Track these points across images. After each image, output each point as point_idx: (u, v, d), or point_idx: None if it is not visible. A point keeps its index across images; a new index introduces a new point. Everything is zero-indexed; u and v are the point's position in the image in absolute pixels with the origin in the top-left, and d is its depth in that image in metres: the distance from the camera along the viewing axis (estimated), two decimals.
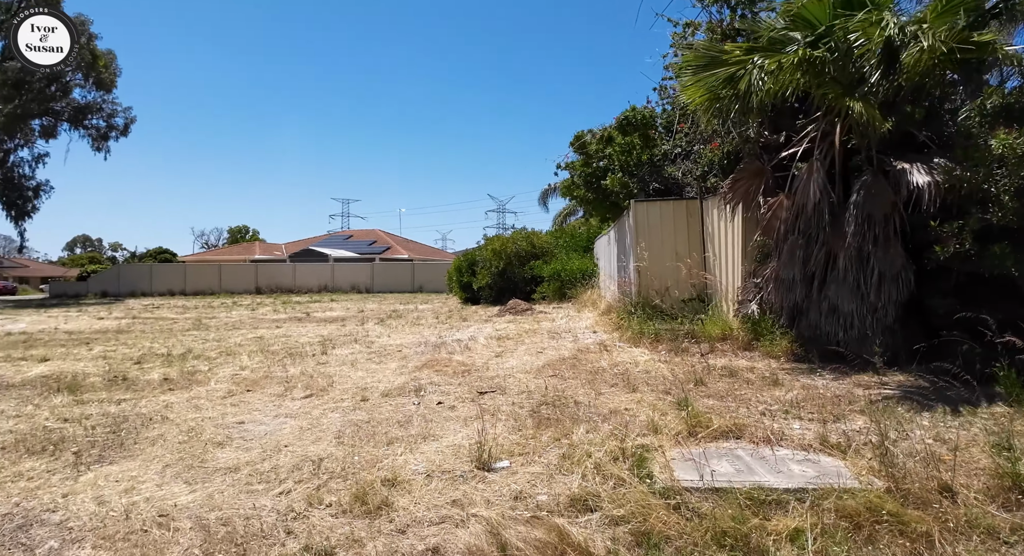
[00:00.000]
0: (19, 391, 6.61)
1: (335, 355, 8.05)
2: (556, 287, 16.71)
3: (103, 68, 31.95)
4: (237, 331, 12.08)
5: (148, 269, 38.70)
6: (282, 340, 9.91)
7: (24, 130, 32.72)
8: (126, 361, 8.19)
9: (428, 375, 6.58)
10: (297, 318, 15.15)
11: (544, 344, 8.22)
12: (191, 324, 14.20)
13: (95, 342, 10.75)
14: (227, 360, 8.02)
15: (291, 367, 7.28)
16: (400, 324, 12.19)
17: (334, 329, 11.63)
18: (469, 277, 19.69)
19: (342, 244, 47.04)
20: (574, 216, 36.57)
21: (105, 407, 5.85)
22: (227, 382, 6.60)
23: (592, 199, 10.43)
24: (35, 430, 5.16)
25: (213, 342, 10.06)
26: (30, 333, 13.43)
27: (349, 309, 18.13)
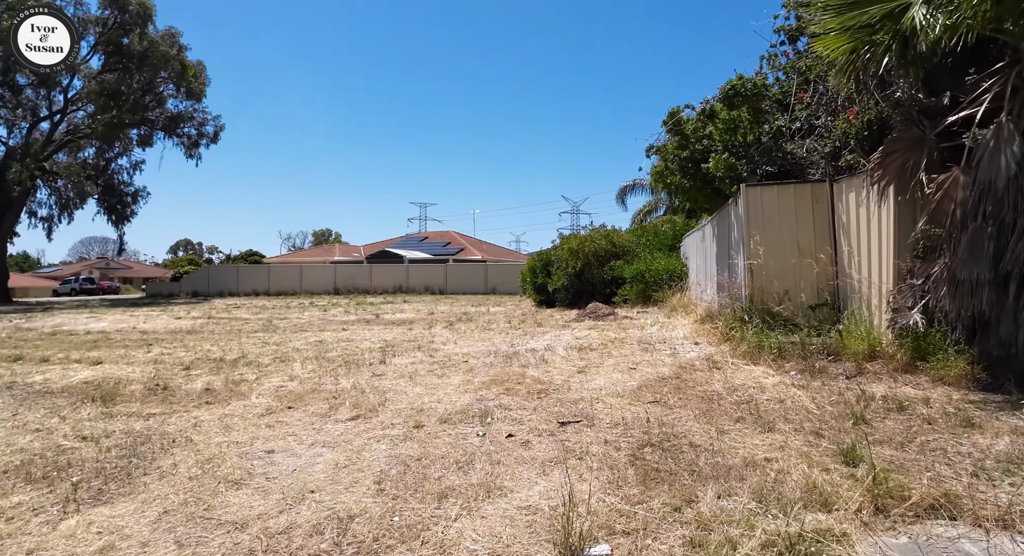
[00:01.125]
0: (55, 399, 6.06)
1: (394, 365, 7.10)
2: (639, 289, 15.23)
3: (193, 78, 33.33)
4: (302, 333, 11.50)
5: (235, 270, 40.25)
6: (342, 345, 9.12)
7: (123, 139, 34.73)
8: (176, 366, 7.61)
9: (497, 395, 5.45)
10: (365, 320, 14.54)
11: (636, 357, 6.90)
12: (260, 325, 13.87)
13: (159, 343, 10.43)
14: (278, 368, 7.24)
15: (343, 378, 6.37)
16: (469, 329, 11.19)
17: (399, 333, 10.78)
18: (544, 278, 18.52)
19: (417, 246, 47.22)
20: (655, 214, 34.64)
21: (131, 423, 5.12)
22: (269, 396, 5.75)
23: (688, 186, 8.98)
24: (46, 450, 4.46)
25: (272, 346, 9.43)
26: (106, 333, 13.53)
27: (419, 311, 17.43)
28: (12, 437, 4.81)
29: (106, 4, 29.86)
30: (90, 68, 32.43)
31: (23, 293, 55.67)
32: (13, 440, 4.75)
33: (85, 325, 15.82)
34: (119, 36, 30.66)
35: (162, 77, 32.19)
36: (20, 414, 5.55)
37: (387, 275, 35.46)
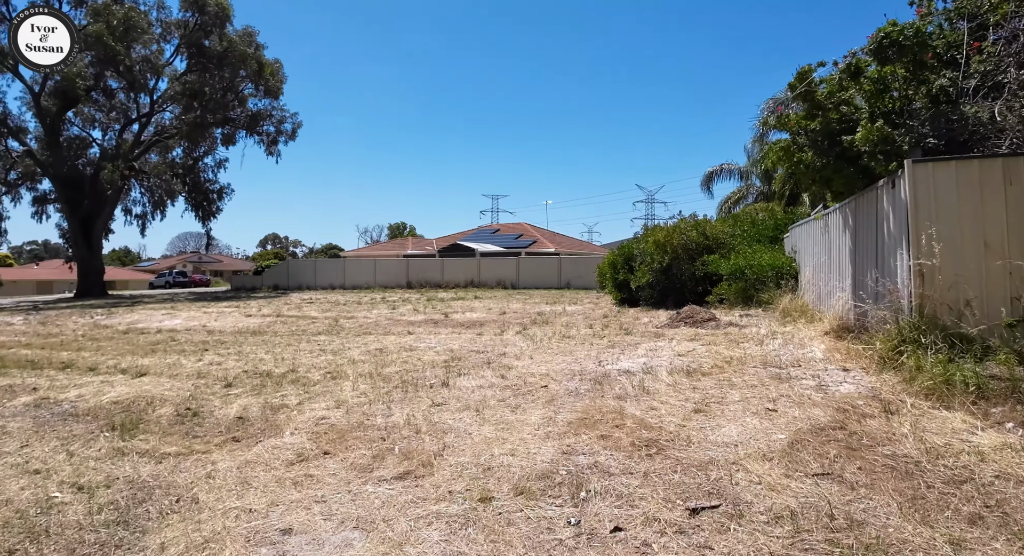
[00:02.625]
0: (75, 425, 5.27)
1: (458, 388, 5.88)
2: (739, 288, 13.36)
3: (270, 76, 33.73)
4: (364, 338, 10.59)
5: (313, 264, 40.92)
6: (403, 357, 8.04)
7: (207, 138, 35.76)
8: (217, 382, 6.75)
9: (589, 444, 4.10)
10: (433, 321, 13.54)
11: (769, 389, 5.34)
12: (325, 326, 13.17)
13: (215, 348, 9.79)
14: (326, 388, 6.21)
15: (397, 408, 5.22)
16: (546, 336, 9.87)
17: (467, 340, 9.62)
18: (626, 274, 16.91)
19: (489, 238, 46.39)
20: (745, 201, 31.97)
21: (140, 466, 4.16)
22: (306, 433, 4.67)
23: (819, 166, 7.18)
24: (31, 506, 3.57)
25: (329, 355, 8.50)
26: (174, 332, 13.24)
27: (490, 310, 16.29)
28: (3, 484, 3.94)
29: (186, 6, 30.57)
30: (175, 70, 33.49)
31: (123, 286, 59.74)
32: (3, 487, 3.89)
33: (159, 323, 15.79)
34: (200, 38, 31.38)
35: (241, 76, 32.75)
36: (30, 445, 4.75)
37: (458, 269, 34.75)
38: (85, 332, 13.97)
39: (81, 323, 16.49)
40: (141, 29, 28.97)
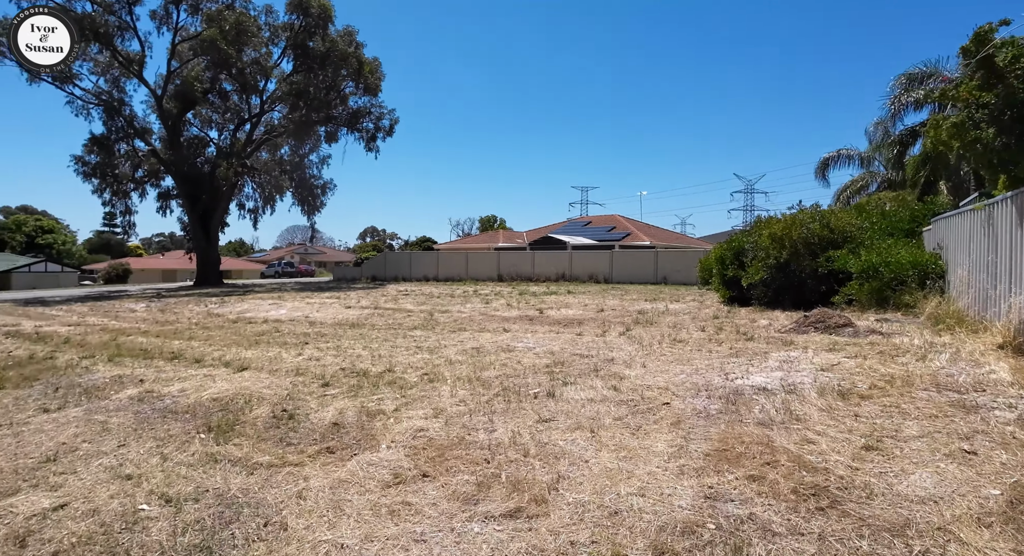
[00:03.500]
0: (173, 424, 5.16)
1: (566, 400, 5.26)
2: (873, 288, 11.79)
3: (369, 74, 34.57)
4: (459, 334, 10.23)
5: (408, 257, 41.86)
6: (502, 358, 7.53)
7: (312, 136, 37.37)
8: (315, 381, 6.54)
9: (737, 486, 3.35)
10: (528, 317, 13.02)
11: (955, 421, 4.28)
12: (421, 320, 13.01)
13: (316, 341, 9.79)
14: (423, 392, 5.80)
15: (500, 421, 4.68)
16: (653, 338, 9.04)
17: (568, 341, 8.98)
18: (735, 270, 15.56)
19: (580, 231, 45.42)
20: (866, 191, 29.05)
21: (231, 478, 3.88)
22: (403, 448, 4.23)
23: (1001, 146, 5.85)
24: (116, 520, 3.34)
25: (425, 353, 8.16)
26: (279, 322, 13.58)
27: (587, 306, 15.55)
28: (95, 490, 3.78)
29: (292, 9, 31.86)
30: (282, 71, 35.13)
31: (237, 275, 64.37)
32: (93, 494, 3.72)
33: (266, 313, 16.39)
34: (304, 39, 32.64)
35: (342, 75, 33.79)
36: (127, 445, 4.65)
37: (549, 262, 34.17)
38: (198, 321, 14.69)
39: (196, 311, 17.46)
40: (251, 33, 30.52)
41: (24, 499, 3.66)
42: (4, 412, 5.81)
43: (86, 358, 8.91)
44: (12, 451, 4.59)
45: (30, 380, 7.42)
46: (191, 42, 31.76)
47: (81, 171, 33.33)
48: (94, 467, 4.18)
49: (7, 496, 3.75)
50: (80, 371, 7.81)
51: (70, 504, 3.58)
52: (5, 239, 66.59)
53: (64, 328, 13.83)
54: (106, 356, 9.01)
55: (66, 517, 3.42)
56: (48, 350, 10.00)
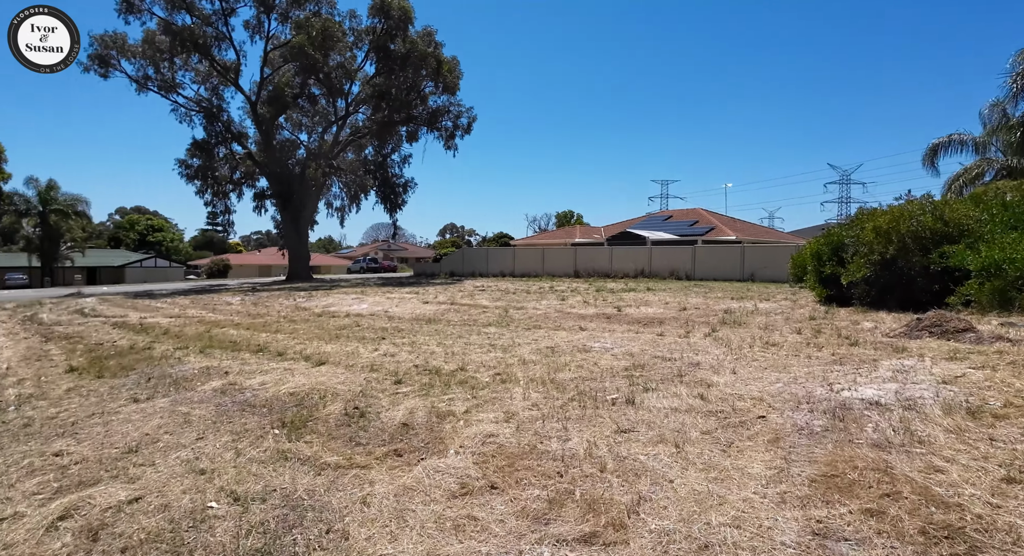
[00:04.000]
0: (250, 418, 5.21)
1: (647, 408, 4.85)
2: (996, 288, 10.42)
3: (448, 73, 35.01)
4: (534, 332, 9.97)
5: (485, 253, 42.13)
6: (578, 359, 7.18)
7: (393, 136, 38.36)
8: (388, 378, 6.48)
9: (851, 522, 2.84)
10: (605, 315, 12.55)
11: None
12: (496, 316, 12.87)
13: (392, 337, 9.83)
14: (495, 393, 5.56)
15: (575, 429, 4.35)
16: (744, 341, 8.37)
17: (648, 342, 8.49)
18: (833, 267, 14.31)
19: (660, 225, 44.01)
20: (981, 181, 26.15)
21: (299, 478, 3.80)
22: (471, 454, 4.00)
23: None
24: (184, 518, 3.33)
25: (499, 352, 7.95)
26: (360, 317, 13.87)
27: (668, 304, 14.84)
28: (169, 484, 3.81)
29: (374, 13, 32.75)
30: (365, 74, 36.27)
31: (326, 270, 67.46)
32: (167, 488, 3.74)
33: (348, 307, 16.86)
34: (386, 42, 33.48)
35: (422, 75, 34.42)
36: (204, 438, 4.72)
37: (628, 258, 33.24)
38: (286, 314, 15.30)
39: (285, 305, 18.25)
40: (336, 38, 31.64)
41: (103, 490, 3.74)
42: (99, 401, 6.13)
43: (180, 349, 9.38)
44: (100, 440, 4.77)
45: (127, 369, 7.86)
46: (281, 49, 33.38)
47: (184, 173, 35.92)
48: (171, 460, 4.24)
49: (89, 486, 3.84)
50: (173, 362, 8.20)
51: (144, 497, 3.62)
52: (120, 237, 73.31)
53: (165, 320, 14.80)
54: (198, 347, 9.46)
55: (139, 511, 3.44)
56: (148, 340, 10.65)
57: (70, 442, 4.76)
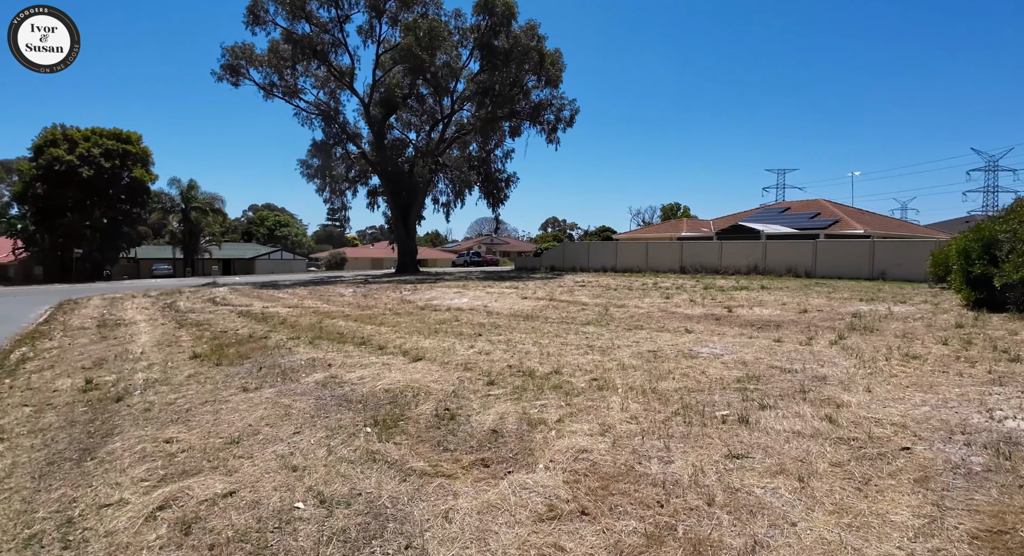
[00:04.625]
0: (345, 414, 5.25)
1: (763, 430, 4.28)
2: None
3: (550, 65, 34.67)
4: (635, 333, 9.47)
5: (586, 247, 41.56)
6: (683, 366, 6.64)
7: (497, 131, 38.70)
8: (481, 379, 6.33)
9: None
10: (714, 316, 11.73)
11: None
12: (595, 315, 12.45)
13: (488, 334, 9.74)
14: (590, 402, 5.22)
15: (678, 451, 3.91)
16: (878, 351, 7.39)
17: (763, 349, 7.72)
18: (984, 266, 12.46)
19: (776, 218, 41.07)
20: None
21: (385, 482, 3.71)
22: (562, 471, 3.70)
23: None
24: (272, 517, 3.32)
25: (596, 354, 7.57)
26: (460, 311, 14.00)
27: (786, 305, 13.63)
28: (262, 479, 3.85)
29: (478, 10, 33.07)
30: (470, 71, 36.81)
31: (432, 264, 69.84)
32: (260, 484, 3.78)
33: (450, 301, 17.13)
34: (490, 38, 33.72)
35: (524, 69, 34.34)
36: (301, 433, 4.79)
37: (739, 253, 31.28)
38: (392, 307, 15.79)
39: (391, 297, 18.90)
40: (442, 37, 32.30)
41: (202, 481, 3.84)
42: (213, 389, 6.49)
43: (292, 339, 9.86)
44: (207, 429, 4.99)
45: (243, 358, 8.34)
46: (391, 52, 34.68)
47: (305, 173, 38.49)
48: (268, 454, 4.31)
49: (190, 476, 3.98)
50: (284, 352, 8.60)
51: (238, 492, 3.67)
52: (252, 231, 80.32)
53: (284, 309, 15.79)
54: (308, 338, 9.89)
55: (231, 506, 3.48)
56: (266, 329, 11.33)
57: (181, 429, 5.03)
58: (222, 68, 32.81)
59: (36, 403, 6.42)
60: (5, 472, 4.30)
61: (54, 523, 3.42)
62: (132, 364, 8.51)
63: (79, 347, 10.57)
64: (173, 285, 32.03)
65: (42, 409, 6.15)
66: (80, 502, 3.68)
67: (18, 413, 6.01)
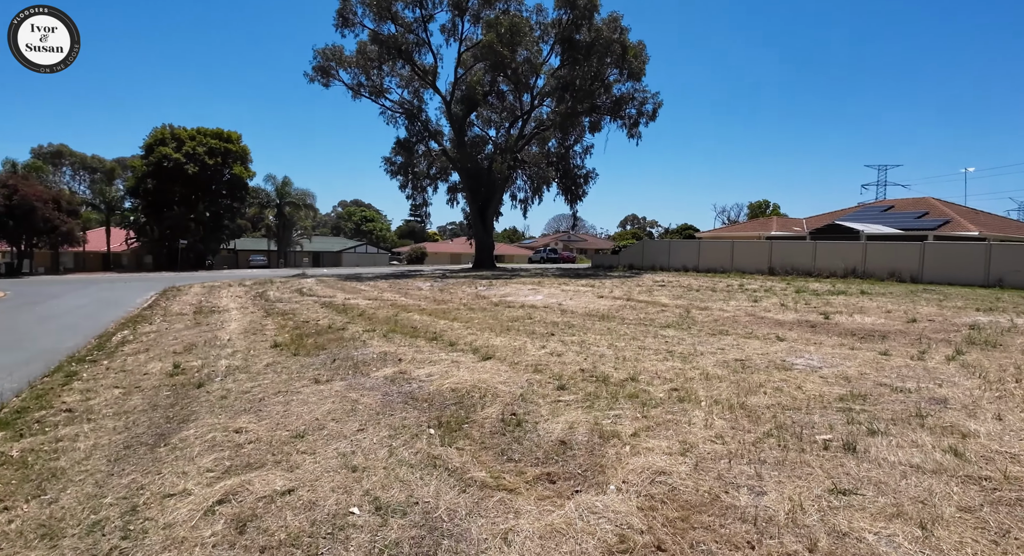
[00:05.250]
0: (410, 413, 5.11)
1: (874, 461, 3.70)
2: None
3: (633, 58, 33.66)
4: (720, 339, 8.83)
5: (666, 245, 40.20)
6: (776, 379, 6.02)
7: (576, 127, 38.12)
8: (552, 382, 6.02)
9: None
10: (809, 323, 10.79)
11: None
12: (675, 317, 11.82)
13: (561, 333, 9.41)
14: (670, 415, 4.78)
15: (771, 480, 3.43)
16: (1005, 370, 6.42)
17: (868, 362, 6.92)
18: None
19: (878, 217, 37.99)
20: None
21: (443, 492, 3.50)
22: (635, 494, 3.33)
23: None
24: (326, 520, 3.18)
25: (677, 361, 7.07)
26: (534, 308, 13.76)
27: (890, 313, 12.36)
28: (321, 479, 3.74)
29: (560, 4, 32.57)
30: (550, 67, 36.42)
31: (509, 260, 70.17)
32: (319, 483, 3.67)
33: (524, 297, 16.94)
34: (571, 33, 33.14)
35: (606, 63, 33.53)
36: (365, 431, 4.68)
37: (836, 255, 29.07)
38: (466, 302, 15.79)
39: (467, 292, 18.95)
40: (523, 33, 32.10)
41: (263, 476, 3.78)
42: (288, 379, 6.57)
43: (368, 331, 9.96)
44: (276, 421, 4.99)
45: (319, 349, 8.47)
46: (473, 50, 34.89)
47: (389, 170, 39.53)
48: (330, 451, 4.22)
49: (253, 469, 3.93)
50: (358, 344, 8.67)
51: (296, 490, 3.57)
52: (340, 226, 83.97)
53: (364, 301, 16.16)
54: (383, 331, 9.96)
55: (287, 506, 3.38)
56: (344, 321, 11.56)
57: (251, 419, 5.06)
58: (314, 69, 34.23)
59: (126, 385, 6.75)
60: (85, 454, 4.45)
61: (119, 510, 3.45)
62: (218, 350, 8.86)
63: (174, 332, 11.21)
64: (266, 275, 33.87)
65: (130, 391, 6.45)
66: (147, 490, 3.71)
67: (108, 394, 6.32)
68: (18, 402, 6.25)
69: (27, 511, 3.55)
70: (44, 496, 3.74)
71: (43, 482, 3.98)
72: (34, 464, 4.33)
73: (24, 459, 4.45)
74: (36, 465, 4.31)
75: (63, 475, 4.08)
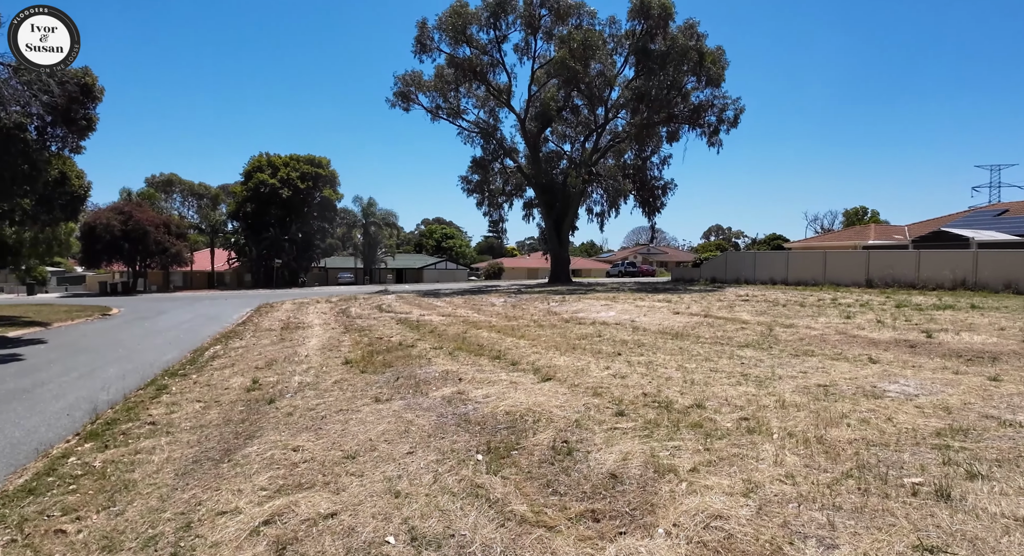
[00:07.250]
0: (461, 436, 5.03)
1: (972, 512, 3.18)
2: None
3: (711, 64, 32.62)
4: (803, 361, 8.18)
5: (752, 257, 38.38)
6: (862, 409, 5.43)
7: (653, 137, 37.34)
8: (610, 407, 5.76)
9: None
10: (908, 343, 9.80)
11: None
12: (756, 336, 11.12)
13: (629, 353, 9.08)
14: (735, 448, 4.40)
15: (847, 533, 3.01)
16: None
17: (974, 390, 6.12)
18: None
19: (990, 223, 34.45)
20: None
21: (481, 527, 3.44)
22: (685, 543, 3.04)
23: None
24: (360, 549, 3.13)
25: (751, 386, 6.58)
26: (604, 325, 13.44)
27: (1005, 331, 11.00)
28: (364, 503, 3.72)
29: (633, 15, 32.18)
30: (624, 78, 35.98)
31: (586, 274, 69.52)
32: (361, 508, 3.65)
33: (596, 314, 16.60)
34: (645, 43, 32.62)
35: (682, 70, 32.67)
36: (414, 453, 4.65)
37: (942, 264, 26.50)
38: (537, 318, 15.67)
39: (538, 308, 18.83)
40: (596, 47, 31.93)
41: (310, 498, 3.81)
42: (351, 397, 6.70)
43: (435, 349, 10.06)
44: (332, 440, 5.06)
45: (386, 366, 8.62)
46: (546, 66, 35.11)
47: (465, 188, 40.44)
48: (377, 475, 4.21)
49: (303, 489, 3.98)
50: (423, 363, 8.75)
51: (338, 514, 3.57)
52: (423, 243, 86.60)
53: (438, 318, 16.42)
54: (449, 349, 10.02)
55: (327, 530, 3.37)
56: (415, 338, 11.75)
57: (310, 437, 5.17)
58: (395, 95, 35.73)
59: (207, 400, 7.13)
60: (157, 467, 4.69)
61: (174, 525, 3.57)
62: (294, 366, 9.23)
63: (260, 347, 11.82)
64: (352, 292, 35.38)
65: (209, 406, 6.80)
66: (204, 506, 3.83)
67: (190, 408, 6.69)
68: (111, 414, 6.76)
69: (95, 521, 3.76)
70: (113, 507, 3.96)
71: (115, 493, 4.21)
72: (111, 475, 4.61)
73: (104, 470, 4.75)
74: (113, 476, 4.58)
75: (133, 487, 4.30)
